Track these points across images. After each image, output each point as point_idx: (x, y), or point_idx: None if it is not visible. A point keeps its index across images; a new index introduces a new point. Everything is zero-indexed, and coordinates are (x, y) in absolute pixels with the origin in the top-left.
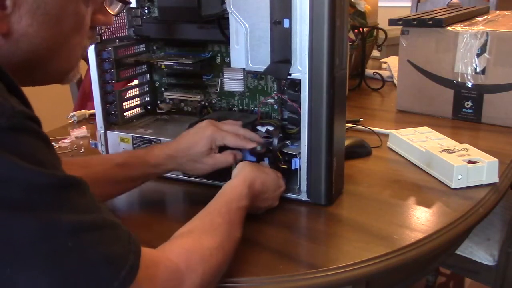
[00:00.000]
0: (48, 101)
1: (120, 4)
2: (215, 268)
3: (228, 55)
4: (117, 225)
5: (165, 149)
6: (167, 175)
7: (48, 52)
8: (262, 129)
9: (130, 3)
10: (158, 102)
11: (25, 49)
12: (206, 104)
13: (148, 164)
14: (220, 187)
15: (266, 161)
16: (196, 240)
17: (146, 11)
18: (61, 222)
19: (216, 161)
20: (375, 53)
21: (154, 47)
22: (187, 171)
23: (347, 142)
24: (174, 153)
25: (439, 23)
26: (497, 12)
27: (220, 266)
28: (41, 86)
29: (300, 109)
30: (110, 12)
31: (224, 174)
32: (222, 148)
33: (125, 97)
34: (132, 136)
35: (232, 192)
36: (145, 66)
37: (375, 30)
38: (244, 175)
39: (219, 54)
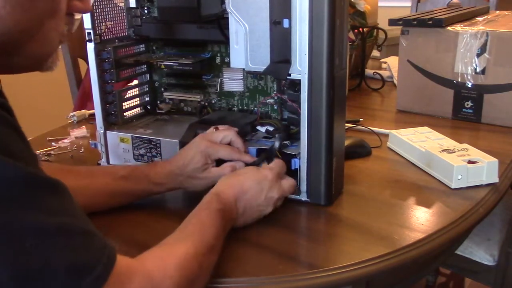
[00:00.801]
0: (48, 101)
1: None
2: (191, 274)
3: (228, 55)
4: (91, 234)
5: (166, 167)
6: None
7: (23, 35)
8: (262, 129)
9: None
10: (158, 102)
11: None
12: (206, 104)
13: (151, 181)
14: None
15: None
16: (170, 248)
17: (145, 11)
18: (23, 220)
19: (213, 175)
20: (375, 53)
21: (154, 47)
22: (188, 189)
23: (347, 142)
24: (175, 170)
25: (439, 23)
26: (497, 12)
27: (197, 271)
28: (21, 73)
29: (300, 109)
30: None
31: None
32: (221, 161)
33: (125, 97)
34: (131, 136)
35: (202, 202)
36: (145, 66)
37: (375, 30)
38: (212, 189)
39: (218, 54)
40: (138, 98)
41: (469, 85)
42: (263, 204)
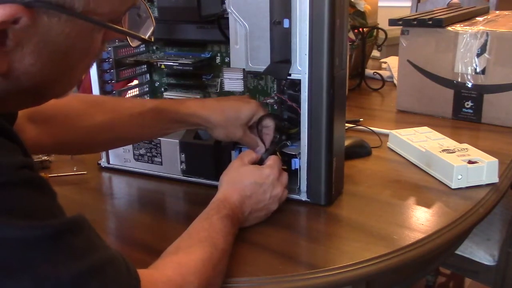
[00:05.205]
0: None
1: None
2: (209, 278)
3: (228, 55)
4: (114, 259)
5: (199, 101)
6: (166, 174)
7: (52, 83)
8: None
9: (151, 42)
10: None
11: (26, 86)
12: None
13: (180, 112)
14: None
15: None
16: (186, 254)
17: None
18: (59, 274)
19: (244, 135)
20: (375, 53)
21: (154, 47)
22: (213, 131)
23: (347, 142)
24: (215, 108)
25: (439, 23)
26: (497, 12)
27: (213, 276)
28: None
29: (300, 109)
30: (131, 44)
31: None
32: None
33: (125, 97)
34: None
35: (210, 207)
36: (145, 66)
37: (375, 30)
38: (218, 194)
39: (219, 54)
40: (138, 98)
41: (469, 85)
42: (269, 203)
